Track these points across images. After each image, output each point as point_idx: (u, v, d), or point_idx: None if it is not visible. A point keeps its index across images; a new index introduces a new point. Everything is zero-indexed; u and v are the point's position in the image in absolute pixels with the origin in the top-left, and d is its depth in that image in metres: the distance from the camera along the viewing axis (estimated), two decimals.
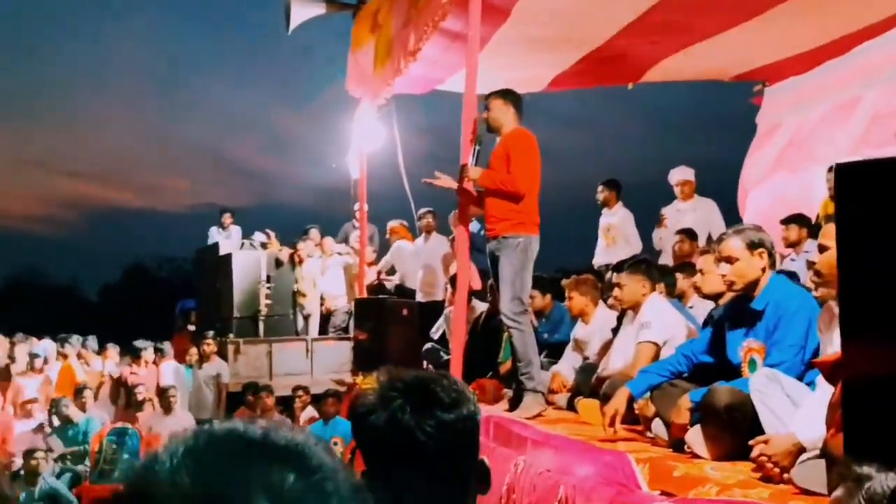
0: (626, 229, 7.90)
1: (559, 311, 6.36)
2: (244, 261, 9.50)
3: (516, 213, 4.69)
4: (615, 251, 7.70)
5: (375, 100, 7.48)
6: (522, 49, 6.69)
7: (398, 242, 9.08)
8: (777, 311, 3.07)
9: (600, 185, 8.06)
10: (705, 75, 7.62)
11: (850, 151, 6.78)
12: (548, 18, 6.02)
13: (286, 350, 9.15)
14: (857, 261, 1.65)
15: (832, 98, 7.34)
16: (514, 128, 4.88)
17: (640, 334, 4.23)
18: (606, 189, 8.00)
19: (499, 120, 4.91)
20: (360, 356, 7.53)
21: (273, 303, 9.37)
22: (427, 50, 5.97)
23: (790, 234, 5.97)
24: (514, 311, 4.64)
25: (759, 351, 3.09)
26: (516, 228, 4.68)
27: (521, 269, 4.66)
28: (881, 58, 6.62)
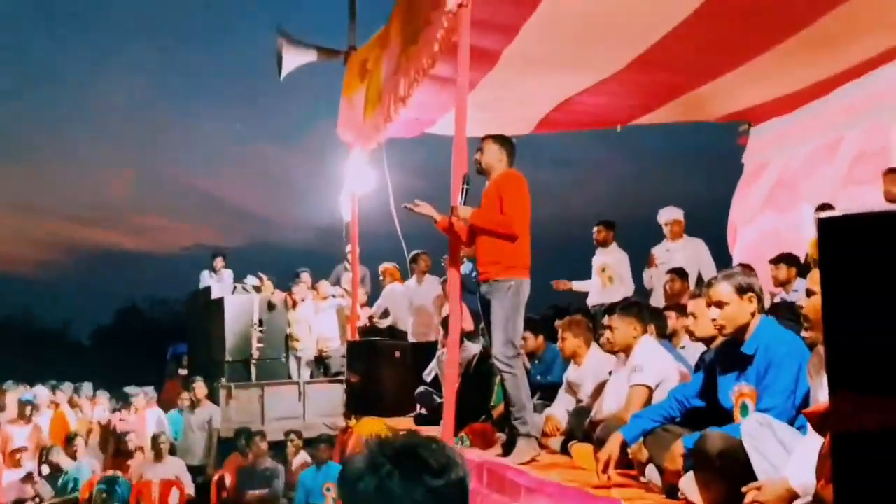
0: (621, 269, 7.95)
1: (552, 352, 6.35)
2: (236, 304, 9.47)
3: (507, 255, 4.70)
4: (611, 291, 7.73)
5: (367, 145, 7.55)
6: (511, 93, 6.79)
7: (391, 285, 9.08)
8: (767, 355, 3.09)
9: (597, 225, 8.13)
10: (691, 117, 7.75)
11: (836, 190, 6.88)
12: (537, 65, 6.13)
13: (278, 394, 9.09)
14: (842, 314, 1.66)
15: (816, 138, 7.46)
16: (506, 169, 4.93)
17: (632, 377, 4.22)
18: (603, 228, 8.07)
19: (490, 163, 4.96)
20: (353, 399, 7.49)
21: (265, 346, 9.33)
22: (417, 94, 6.05)
23: (779, 274, 6.01)
24: (506, 354, 4.63)
25: (750, 395, 3.10)
26: (507, 272, 4.68)
27: (512, 312, 4.66)
28: (863, 98, 6.75)
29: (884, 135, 6.65)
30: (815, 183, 7.31)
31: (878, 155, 6.48)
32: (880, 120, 6.63)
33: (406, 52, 6.05)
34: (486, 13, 5.00)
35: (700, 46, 5.77)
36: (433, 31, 5.29)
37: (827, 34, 5.60)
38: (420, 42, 5.66)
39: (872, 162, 6.42)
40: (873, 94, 6.56)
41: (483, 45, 5.64)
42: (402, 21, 6.32)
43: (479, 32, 5.29)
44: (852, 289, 1.62)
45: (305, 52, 7.98)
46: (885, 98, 6.48)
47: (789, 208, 7.47)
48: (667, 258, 7.51)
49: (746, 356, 3.18)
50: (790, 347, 3.07)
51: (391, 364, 7.40)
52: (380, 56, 7.00)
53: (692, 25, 5.34)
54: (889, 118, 6.55)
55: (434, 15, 5.30)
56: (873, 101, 6.59)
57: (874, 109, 6.61)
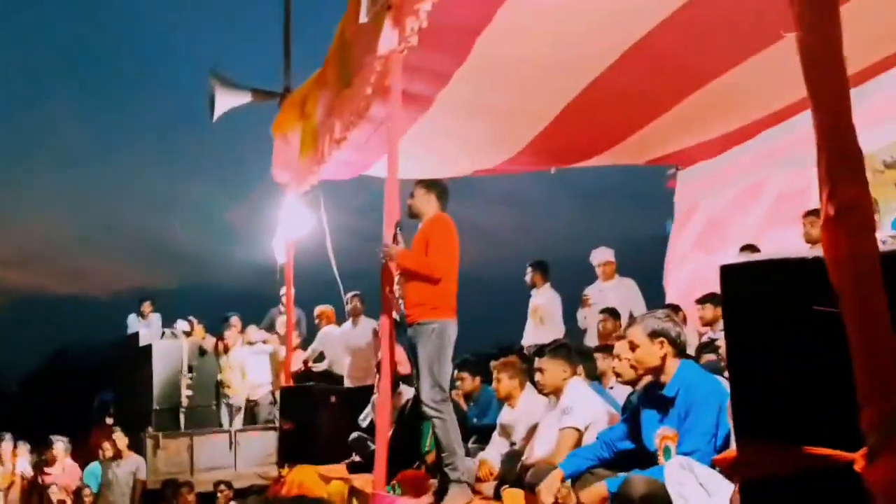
0: (552, 310, 7.99)
1: (487, 394, 6.31)
2: (165, 350, 9.20)
3: (431, 297, 4.69)
4: (544, 332, 7.77)
5: (302, 186, 7.50)
6: (447, 139, 6.87)
7: (326, 327, 8.96)
8: (688, 397, 3.13)
9: (528, 266, 8.19)
10: (621, 160, 7.93)
11: (760, 232, 7.09)
12: (468, 111, 6.21)
13: (208, 443, 8.80)
14: (745, 360, 1.69)
15: (741, 181, 7.71)
16: (435, 213, 4.95)
17: (561, 420, 4.22)
18: (533, 270, 8.13)
19: (420, 207, 4.99)
20: (287, 447, 7.30)
21: (195, 394, 9.06)
22: (352, 137, 6.06)
23: (706, 314, 6.13)
24: (434, 399, 4.57)
25: (672, 438, 3.13)
26: (431, 314, 4.67)
27: (437, 355, 4.62)
28: (784, 142, 6.99)
29: (804, 178, 6.88)
30: (741, 225, 7.54)
31: (799, 197, 6.70)
32: (800, 163, 6.85)
33: (340, 94, 6.07)
34: (418, 59, 5.05)
35: (625, 93, 5.94)
36: (367, 74, 5.33)
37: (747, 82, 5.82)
38: (354, 85, 5.69)
39: (793, 204, 6.63)
40: (794, 138, 6.79)
41: (416, 89, 5.71)
42: (336, 64, 6.35)
43: (412, 77, 5.35)
44: (754, 332, 1.65)
45: (239, 94, 7.92)
46: (805, 142, 6.70)
47: (717, 250, 7.66)
48: (599, 298, 7.61)
49: (667, 399, 3.22)
50: (709, 389, 3.12)
51: (326, 410, 7.25)
52: (314, 99, 7.01)
53: (616, 72, 5.50)
54: (809, 162, 6.78)
55: (367, 59, 5.33)
56: (794, 145, 6.82)
57: (793, 154, 6.85)
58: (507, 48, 5.22)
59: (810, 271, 1.53)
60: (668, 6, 4.73)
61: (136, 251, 64.21)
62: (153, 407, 8.95)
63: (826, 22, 1.54)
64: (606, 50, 5.31)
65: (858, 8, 4.40)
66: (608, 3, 4.71)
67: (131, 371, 9.68)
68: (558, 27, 5.01)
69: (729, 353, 1.70)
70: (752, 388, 1.66)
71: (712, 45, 5.29)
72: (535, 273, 8.10)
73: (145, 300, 10.99)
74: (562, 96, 6.07)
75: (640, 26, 4.99)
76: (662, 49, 5.20)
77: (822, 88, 1.53)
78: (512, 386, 5.26)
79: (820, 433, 1.52)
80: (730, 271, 1.70)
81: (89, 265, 64.36)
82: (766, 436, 1.62)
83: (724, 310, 1.74)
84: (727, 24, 4.94)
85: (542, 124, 6.61)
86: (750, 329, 1.68)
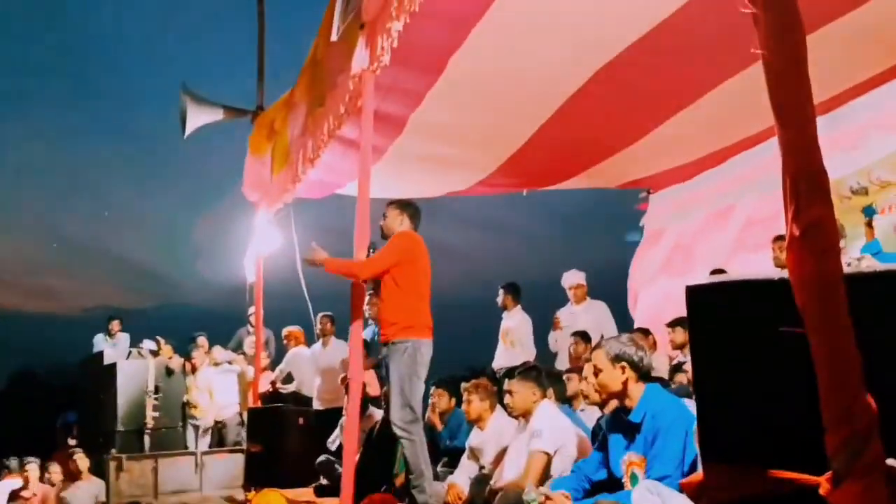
0: (523, 333, 7.96)
1: (457, 416, 6.26)
2: (130, 370, 9.00)
3: (405, 316, 4.63)
4: (515, 354, 7.74)
5: (274, 205, 7.44)
6: (420, 159, 6.86)
7: (295, 348, 8.85)
8: (654, 423, 3.11)
9: (500, 289, 8.17)
10: (595, 184, 7.98)
11: (729, 256, 7.15)
12: (440, 132, 6.22)
13: (173, 465, 8.60)
14: (711, 381, 1.67)
15: (710, 205, 7.79)
16: (402, 230, 4.94)
17: (531, 443, 4.17)
18: (505, 292, 8.11)
19: (391, 228, 4.97)
20: (254, 470, 7.16)
21: (161, 415, 8.87)
22: (325, 156, 6.03)
23: (676, 337, 6.14)
24: (404, 419, 4.51)
25: (639, 464, 3.10)
26: (405, 332, 4.61)
27: (409, 375, 4.56)
28: (753, 168, 7.09)
29: (772, 203, 6.96)
30: (709, 248, 7.61)
31: (767, 222, 6.78)
32: (769, 189, 6.93)
33: (313, 113, 6.04)
34: (390, 79, 5.05)
35: (597, 116, 5.98)
36: (339, 94, 5.31)
37: (719, 107, 5.89)
38: (327, 105, 5.68)
39: (762, 229, 6.70)
40: (763, 164, 6.88)
41: (389, 109, 5.70)
42: (309, 83, 6.33)
43: (385, 97, 5.35)
44: (719, 357, 1.64)
45: (211, 111, 7.85)
46: (773, 168, 6.78)
47: (685, 272, 7.71)
48: (571, 321, 7.61)
49: (634, 424, 3.20)
50: (676, 414, 3.10)
51: (295, 432, 7.15)
52: (286, 117, 6.98)
53: (588, 95, 5.54)
54: (778, 187, 6.86)
55: (340, 78, 5.32)
56: (762, 170, 6.91)
57: (763, 179, 6.93)
58: (480, 69, 5.24)
59: (776, 292, 1.52)
60: (638, 31, 4.78)
61: (108, 270, 63.31)
62: (117, 428, 8.75)
63: (791, 43, 1.54)
64: (578, 73, 5.35)
65: (828, 36, 4.50)
66: (580, 28, 4.75)
67: (95, 391, 9.47)
68: (531, 49, 5.04)
69: (695, 375, 1.68)
70: (718, 411, 1.64)
71: (683, 70, 5.35)
72: (506, 295, 8.08)
73: (113, 319, 10.81)
74: (534, 118, 6.10)
75: (611, 49, 5.04)
76: (633, 73, 5.25)
77: (788, 109, 1.53)
78: (482, 408, 5.21)
79: (786, 456, 1.50)
80: (696, 292, 1.69)
81: (59, 284, 63.30)
82: (733, 459, 1.60)
83: (691, 331, 1.73)
84: (698, 49, 5.00)
85: (514, 146, 6.64)
86: (716, 350, 1.66)
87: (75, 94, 62.58)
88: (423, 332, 4.69)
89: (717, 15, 4.29)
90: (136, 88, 62.24)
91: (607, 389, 3.29)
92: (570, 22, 4.70)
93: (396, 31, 4.29)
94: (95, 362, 9.79)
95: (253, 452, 7.16)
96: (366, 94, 4.80)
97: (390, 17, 4.23)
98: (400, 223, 4.96)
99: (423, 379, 4.73)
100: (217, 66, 50.88)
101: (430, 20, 4.44)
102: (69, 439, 10.72)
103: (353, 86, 4.97)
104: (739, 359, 1.61)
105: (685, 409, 3.08)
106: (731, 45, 4.56)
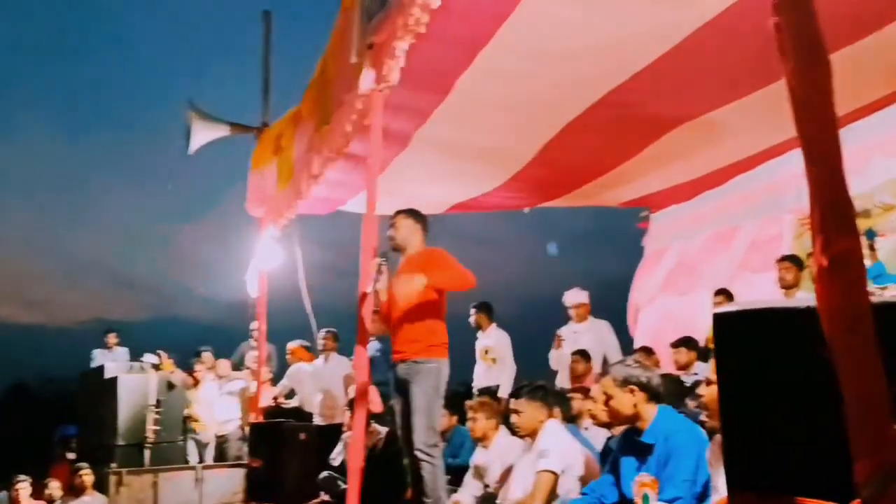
0: (503, 350, 7.88)
1: (460, 434, 6.26)
2: (131, 384, 8.95)
3: (427, 335, 4.51)
4: (497, 372, 7.70)
5: (278, 220, 7.46)
6: (423, 175, 6.90)
7: (297, 364, 8.84)
8: (667, 444, 3.12)
9: (472, 308, 8.00)
10: (595, 202, 8.02)
11: (733, 276, 7.18)
12: (444, 148, 6.25)
13: (174, 480, 8.54)
14: (737, 408, 1.69)
15: (712, 225, 7.83)
16: (424, 246, 4.80)
17: (538, 463, 4.18)
18: (477, 312, 7.94)
19: (405, 238, 4.81)
20: (254, 485, 7.14)
21: (161, 429, 8.82)
22: (330, 173, 6.05)
23: (680, 357, 6.18)
24: (427, 442, 4.38)
25: (651, 485, 3.10)
26: (429, 352, 4.48)
27: (434, 396, 4.44)
28: (756, 189, 7.13)
29: (777, 224, 7.01)
30: (713, 268, 7.63)
31: (772, 243, 6.82)
32: (774, 210, 6.97)
33: (319, 131, 6.07)
34: (398, 97, 5.08)
35: (599, 136, 6.02)
36: (346, 112, 5.34)
37: (722, 128, 5.94)
38: (333, 122, 5.70)
39: (766, 250, 6.74)
40: (767, 184, 6.92)
41: (396, 127, 5.73)
42: (315, 101, 6.37)
43: (393, 115, 5.38)
44: (746, 379, 1.65)
45: (216, 127, 7.88)
46: (778, 189, 6.85)
47: (687, 292, 7.73)
48: (573, 340, 7.59)
49: (646, 445, 3.21)
50: (688, 436, 3.12)
51: (296, 448, 7.10)
52: (293, 134, 7.01)
53: (591, 116, 5.58)
54: (782, 208, 6.92)
55: (347, 97, 5.35)
56: (767, 191, 6.96)
57: (768, 200, 6.97)
58: (487, 89, 5.28)
59: (803, 321, 1.54)
60: (645, 56, 4.83)
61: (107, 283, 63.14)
62: (118, 442, 8.71)
63: (817, 76, 1.58)
64: (583, 96, 5.40)
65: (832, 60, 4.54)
66: (586, 51, 4.79)
67: (95, 405, 9.43)
68: (537, 73, 5.07)
69: (721, 401, 1.70)
70: (744, 438, 1.66)
71: (688, 93, 5.40)
72: (479, 315, 7.91)
73: (110, 332, 10.77)
74: (538, 138, 6.14)
75: (616, 74, 5.07)
76: (638, 96, 5.30)
77: (815, 142, 1.56)
78: (488, 426, 5.22)
79: (814, 485, 1.52)
80: (723, 320, 1.71)
81: (57, 296, 63.07)
82: (760, 487, 1.62)
83: (717, 358, 1.75)
84: (705, 72, 5.05)
85: (517, 164, 6.68)
86: (743, 377, 1.68)
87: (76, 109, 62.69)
88: (444, 351, 4.58)
89: (724, 42, 4.35)
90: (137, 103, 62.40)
91: (620, 415, 3.30)
92: (577, 48, 4.73)
93: (404, 51, 4.31)
94: (96, 375, 9.75)
95: (253, 468, 7.14)
96: (374, 113, 4.82)
97: (398, 37, 4.26)
98: (413, 232, 4.81)
99: (443, 399, 4.60)
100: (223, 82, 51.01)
101: (439, 42, 4.48)
102: (68, 453, 10.66)
103: (361, 105, 5.00)
104: (767, 386, 1.63)
105: (698, 431, 3.10)
106: (737, 68, 4.64)
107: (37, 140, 59.47)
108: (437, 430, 4.50)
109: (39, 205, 61.83)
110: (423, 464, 4.41)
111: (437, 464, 4.45)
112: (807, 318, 1.53)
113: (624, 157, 6.59)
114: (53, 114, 61.18)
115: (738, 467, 1.66)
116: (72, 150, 62.50)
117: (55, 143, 61.04)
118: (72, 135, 62.84)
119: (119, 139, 61.40)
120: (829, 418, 1.48)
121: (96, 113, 63.64)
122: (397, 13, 4.18)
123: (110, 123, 62.55)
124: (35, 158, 59.67)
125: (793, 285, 5.77)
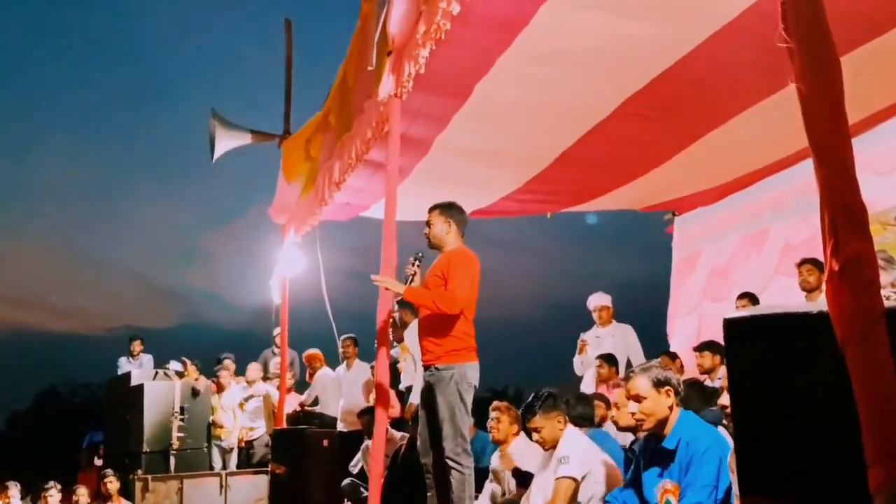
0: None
1: (481, 440, 6.23)
2: (156, 391, 9.07)
3: (451, 339, 4.40)
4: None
5: (302, 227, 7.51)
6: (444, 180, 6.89)
7: (322, 370, 8.88)
8: (688, 450, 3.08)
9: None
10: (618, 206, 7.96)
11: (767, 280, 7.06)
12: (466, 153, 6.25)
13: (199, 486, 8.61)
14: (750, 415, 1.67)
15: (741, 228, 7.70)
16: (458, 246, 4.67)
17: (558, 469, 4.15)
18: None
19: (439, 235, 4.68)
20: (278, 491, 7.19)
21: (186, 436, 8.91)
22: (351, 180, 6.08)
23: (704, 362, 6.09)
24: (455, 451, 4.28)
25: (673, 492, 3.07)
26: (451, 357, 4.38)
27: (460, 402, 4.32)
28: (786, 191, 6.98)
29: (808, 227, 6.84)
30: (746, 273, 7.48)
31: (804, 246, 6.65)
32: (805, 212, 6.82)
33: (340, 138, 6.10)
34: (418, 103, 5.09)
35: (622, 142, 5.97)
36: (367, 118, 5.36)
37: (746, 133, 5.86)
38: (353, 129, 5.73)
39: (799, 253, 6.58)
40: (796, 186, 6.77)
41: (415, 133, 5.74)
42: (336, 108, 6.41)
43: (412, 121, 5.39)
44: (759, 391, 1.63)
45: (239, 135, 7.95)
46: (808, 191, 6.68)
47: (723, 297, 7.58)
48: (597, 344, 7.55)
49: (668, 451, 3.17)
50: (710, 442, 3.07)
51: (319, 454, 7.13)
52: (321, 141, 7.04)
53: (614, 122, 5.54)
54: (811, 210, 6.75)
55: (367, 104, 5.38)
56: (797, 193, 6.80)
57: (799, 202, 6.81)
58: (507, 94, 5.26)
59: (815, 325, 1.51)
60: (668, 58, 4.78)
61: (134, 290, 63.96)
62: (143, 449, 8.81)
63: (827, 79, 1.55)
64: (605, 100, 5.36)
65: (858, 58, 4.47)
66: (608, 55, 4.76)
67: (122, 412, 9.55)
68: (558, 79, 5.04)
69: (734, 409, 1.67)
70: (757, 444, 1.63)
71: (711, 97, 5.34)
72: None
73: (135, 340, 10.92)
74: (559, 142, 6.11)
75: (639, 77, 5.03)
76: (661, 100, 5.25)
77: (825, 145, 1.53)
78: (511, 431, 5.18)
79: (827, 492, 1.49)
80: (734, 325, 1.68)
81: (85, 303, 64.01)
82: (773, 493, 1.59)
83: (729, 363, 1.72)
84: (725, 78, 4.99)
85: (539, 168, 6.64)
86: (755, 383, 1.65)
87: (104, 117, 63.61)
88: (471, 354, 4.45)
89: (748, 42, 4.30)
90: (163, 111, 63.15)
91: (655, 417, 3.23)
92: (598, 52, 4.70)
93: (423, 57, 4.30)
94: (122, 383, 9.88)
95: (277, 474, 7.18)
96: (393, 119, 4.82)
97: (417, 44, 4.26)
98: (447, 230, 4.67)
99: (471, 404, 4.45)
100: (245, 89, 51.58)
101: (457, 47, 4.47)
102: (96, 459, 10.80)
103: (380, 111, 5.02)
104: (779, 392, 1.61)
105: (720, 437, 3.06)
106: (760, 71, 4.58)
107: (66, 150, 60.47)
108: (466, 437, 4.37)
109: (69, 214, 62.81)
110: (452, 471, 4.32)
111: (467, 473, 4.34)
112: (819, 322, 1.51)
113: (647, 162, 6.54)
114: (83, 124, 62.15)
115: (750, 473, 1.63)
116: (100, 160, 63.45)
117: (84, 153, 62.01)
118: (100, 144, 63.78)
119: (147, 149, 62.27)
120: (842, 424, 1.46)
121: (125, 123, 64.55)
122: (419, 19, 4.18)
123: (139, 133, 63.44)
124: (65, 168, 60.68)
125: (815, 288, 5.66)
